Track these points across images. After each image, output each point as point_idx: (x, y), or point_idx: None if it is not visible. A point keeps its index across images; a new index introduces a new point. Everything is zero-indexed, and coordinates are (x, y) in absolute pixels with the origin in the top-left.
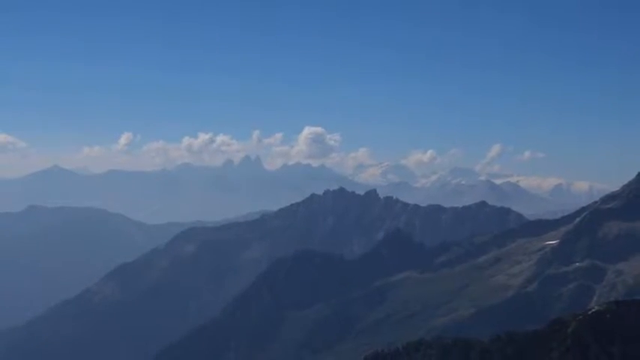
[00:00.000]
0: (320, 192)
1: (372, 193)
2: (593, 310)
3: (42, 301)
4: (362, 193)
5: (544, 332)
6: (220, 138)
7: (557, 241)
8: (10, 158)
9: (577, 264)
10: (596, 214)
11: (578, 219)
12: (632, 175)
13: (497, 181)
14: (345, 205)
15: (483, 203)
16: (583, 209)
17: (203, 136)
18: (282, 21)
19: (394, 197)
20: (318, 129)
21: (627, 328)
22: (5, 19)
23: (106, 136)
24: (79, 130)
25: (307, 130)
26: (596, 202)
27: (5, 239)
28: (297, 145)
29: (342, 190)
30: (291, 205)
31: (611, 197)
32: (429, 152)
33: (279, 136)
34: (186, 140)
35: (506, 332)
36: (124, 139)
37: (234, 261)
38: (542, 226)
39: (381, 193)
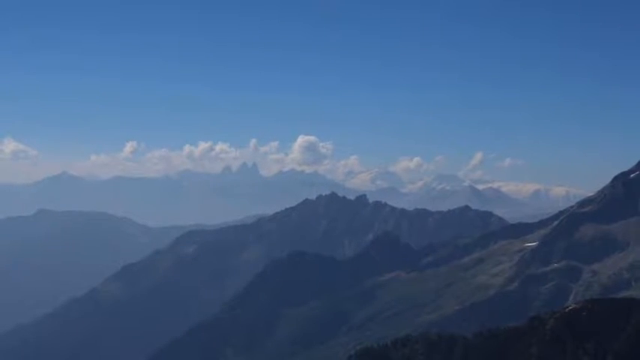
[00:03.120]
0: (313, 197)
1: (362, 198)
2: (570, 308)
3: (51, 300)
4: (352, 198)
5: (524, 328)
6: (219, 146)
7: (536, 242)
8: (22, 165)
9: (555, 264)
10: (573, 217)
11: (555, 222)
12: (606, 181)
13: (480, 187)
14: (337, 209)
15: (467, 207)
16: (560, 213)
17: (203, 145)
18: (279, 36)
19: (383, 202)
20: (312, 138)
21: (602, 325)
22: (17, 35)
23: (112, 144)
24: (86, 138)
25: (301, 139)
26: (572, 207)
27: (17, 241)
28: (292, 153)
29: (333, 195)
30: (286, 209)
31: (586, 202)
32: (416, 159)
33: (274, 144)
34: (187, 148)
35: (488, 328)
36: (129, 147)
37: (232, 262)
38: (522, 229)
39: (371, 198)
